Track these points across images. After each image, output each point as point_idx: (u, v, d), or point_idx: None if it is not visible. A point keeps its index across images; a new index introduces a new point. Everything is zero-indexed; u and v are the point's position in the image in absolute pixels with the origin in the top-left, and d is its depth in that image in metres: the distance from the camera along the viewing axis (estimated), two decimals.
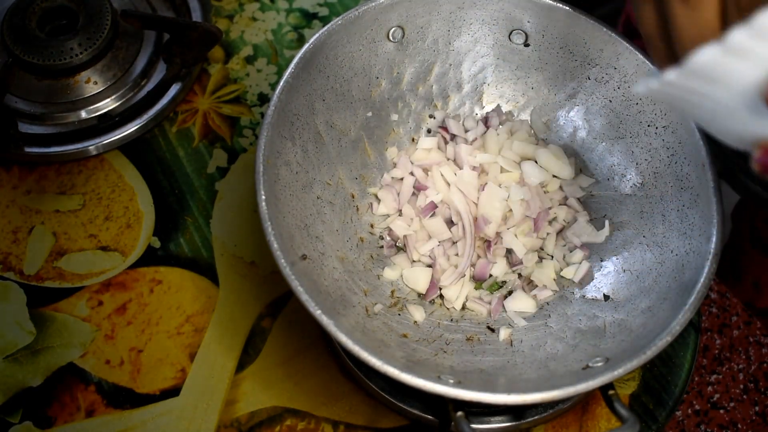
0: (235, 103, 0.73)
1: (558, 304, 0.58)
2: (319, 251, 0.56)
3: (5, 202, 0.67)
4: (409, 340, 0.55)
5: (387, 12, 0.61)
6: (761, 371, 0.67)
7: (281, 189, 0.55)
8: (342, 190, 0.61)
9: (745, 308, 0.68)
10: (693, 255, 0.53)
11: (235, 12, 0.78)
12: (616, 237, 0.60)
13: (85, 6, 0.71)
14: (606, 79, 0.61)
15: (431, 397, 0.47)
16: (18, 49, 0.69)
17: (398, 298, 0.59)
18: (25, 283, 0.64)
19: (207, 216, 0.68)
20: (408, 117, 0.65)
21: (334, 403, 0.61)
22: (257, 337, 0.63)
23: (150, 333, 0.62)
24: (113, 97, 0.72)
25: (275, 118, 0.55)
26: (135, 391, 0.60)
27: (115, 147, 0.70)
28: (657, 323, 0.51)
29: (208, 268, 0.65)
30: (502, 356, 0.55)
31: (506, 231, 0.60)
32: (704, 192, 0.55)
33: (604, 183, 0.62)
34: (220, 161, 0.70)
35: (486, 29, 0.64)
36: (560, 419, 0.61)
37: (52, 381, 0.60)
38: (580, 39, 0.61)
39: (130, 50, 0.73)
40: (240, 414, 0.60)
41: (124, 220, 0.67)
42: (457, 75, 0.65)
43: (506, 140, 0.63)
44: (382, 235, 0.62)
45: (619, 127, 0.61)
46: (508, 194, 0.60)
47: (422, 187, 0.62)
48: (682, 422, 0.65)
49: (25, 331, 0.62)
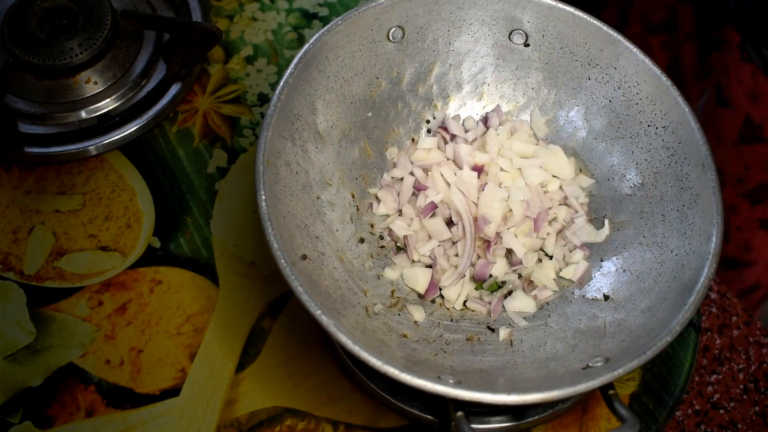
0: (235, 103, 0.73)
1: (558, 304, 0.58)
2: (319, 251, 0.56)
3: (5, 202, 0.67)
4: (409, 340, 0.55)
5: (387, 12, 0.61)
6: (761, 371, 0.67)
7: (281, 189, 0.55)
8: (342, 190, 0.61)
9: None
10: (693, 255, 0.53)
11: (235, 12, 0.78)
12: (616, 237, 0.60)
13: (85, 6, 0.71)
14: (606, 79, 0.62)
15: (431, 397, 0.47)
16: (18, 49, 0.69)
17: (398, 298, 0.59)
18: (25, 283, 0.64)
19: (207, 216, 0.68)
20: (408, 117, 0.65)
21: (334, 403, 0.61)
22: (257, 337, 0.63)
23: (150, 333, 0.62)
24: (113, 97, 0.72)
25: (275, 118, 0.55)
26: (135, 391, 0.60)
27: (115, 147, 0.70)
28: (657, 323, 0.51)
29: (208, 268, 0.65)
30: (502, 356, 0.55)
31: (506, 231, 0.60)
32: (704, 192, 0.55)
33: (604, 183, 0.62)
34: (220, 161, 0.70)
35: (486, 29, 0.64)
36: (560, 419, 0.61)
37: (52, 381, 0.60)
38: (580, 39, 0.61)
39: (130, 50, 0.73)
40: (240, 414, 0.60)
41: (124, 220, 0.67)
42: (457, 75, 0.65)
43: (506, 140, 0.63)
44: (382, 235, 0.62)
45: (619, 127, 0.61)
46: (508, 194, 0.60)
47: (422, 187, 0.62)
48: (682, 422, 0.65)
49: (25, 331, 0.62)
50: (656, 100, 0.59)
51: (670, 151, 0.58)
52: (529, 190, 0.61)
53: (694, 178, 0.56)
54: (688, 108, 0.57)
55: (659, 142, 0.59)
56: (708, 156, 0.55)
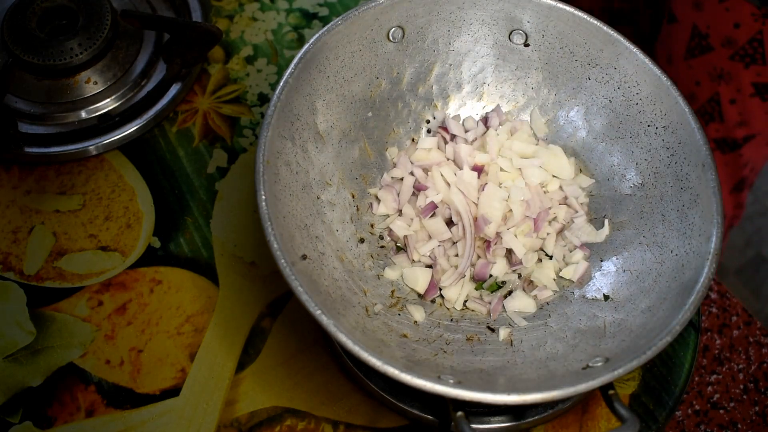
0: (235, 103, 0.73)
1: (558, 304, 0.58)
2: (319, 251, 0.56)
3: (5, 202, 0.67)
4: (409, 340, 0.55)
5: (387, 12, 0.61)
6: (761, 371, 0.67)
7: (281, 189, 0.55)
8: (342, 190, 0.61)
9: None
10: (693, 255, 0.53)
11: (235, 12, 0.78)
12: (616, 237, 0.60)
13: (85, 6, 0.71)
14: (606, 79, 0.62)
15: (431, 397, 0.47)
16: (18, 49, 0.69)
17: (398, 298, 0.59)
18: (25, 283, 0.64)
19: (207, 216, 0.68)
20: (408, 117, 0.65)
21: (334, 403, 0.61)
22: (257, 337, 0.63)
23: (150, 333, 0.62)
24: (113, 97, 0.72)
25: (275, 118, 0.55)
26: (135, 391, 0.60)
27: (115, 147, 0.70)
28: (657, 323, 0.51)
29: (208, 268, 0.65)
30: (502, 356, 0.55)
31: (506, 231, 0.60)
32: (704, 192, 0.55)
33: (604, 183, 0.62)
34: (220, 161, 0.70)
35: (486, 29, 0.64)
36: (560, 419, 0.61)
37: (52, 381, 0.60)
38: (580, 39, 0.61)
39: (130, 50, 0.73)
40: (240, 414, 0.60)
41: (124, 220, 0.67)
42: (457, 75, 0.65)
43: (506, 140, 0.63)
44: (382, 235, 0.62)
45: (619, 127, 0.61)
46: (508, 194, 0.60)
47: (422, 187, 0.62)
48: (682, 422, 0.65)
49: (25, 331, 0.62)
50: (656, 100, 0.59)
51: (670, 151, 0.58)
52: (529, 190, 0.61)
53: (694, 178, 0.56)
54: (688, 108, 0.57)
55: (659, 142, 0.59)
56: (708, 156, 0.55)
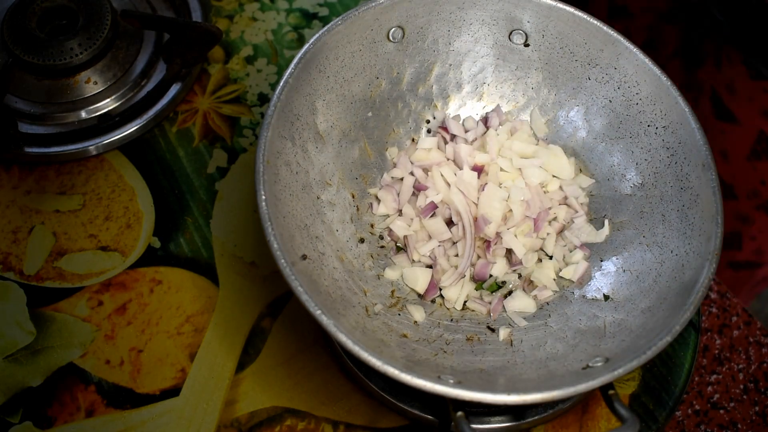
0: (235, 103, 0.73)
1: (558, 304, 0.58)
2: (319, 251, 0.56)
3: (5, 202, 0.67)
4: (409, 340, 0.55)
5: (387, 12, 0.61)
6: (761, 371, 0.67)
7: (281, 189, 0.55)
8: (342, 190, 0.61)
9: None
10: (693, 255, 0.53)
11: (235, 12, 0.78)
12: (616, 237, 0.60)
13: (85, 6, 0.71)
14: (606, 79, 0.62)
15: (431, 397, 0.47)
16: (18, 49, 0.69)
17: (398, 298, 0.59)
18: (25, 283, 0.64)
19: (207, 216, 0.68)
20: (408, 117, 0.65)
21: (334, 403, 0.61)
22: (257, 337, 0.63)
23: (150, 333, 0.62)
24: (113, 97, 0.72)
25: (275, 118, 0.55)
26: (135, 391, 0.60)
27: (115, 147, 0.70)
28: (657, 323, 0.51)
29: (208, 268, 0.65)
30: (502, 356, 0.55)
31: (506, 231, 0.60)
32: (704, 192, 0.55)
33: (604, 183, 0.62)
34: (220, 161, 0.70)
35: (486, 29, 0.64)
36: (560, 419, 0.61)
37: (52, 381, 0.60)
38: (580, 39, 0.61)
39: (130, 50, 0.73)
40: (240, 414, 0.60)
41: (124, 220, 0.67)
42: (457, 75, 0.65)
43: (506, 140, 0.63)
44: (382, 235, 0.62)
45: (619, 127, 0.61)
46: (508, 194, 0.60)
47: (422, 187, 0.62)
48: (682, 422, 0.65)
49: (25, 331, 0.62)
50: (656, 100, 0.59)
51: (670, 151, 0.58)
52: (529, 190, 0.61)
53: (694, 178, 0.56)
54: (688, 108, 0.57)
55: (659, 142, 0.59)
56: (708, 156, 0.55)
